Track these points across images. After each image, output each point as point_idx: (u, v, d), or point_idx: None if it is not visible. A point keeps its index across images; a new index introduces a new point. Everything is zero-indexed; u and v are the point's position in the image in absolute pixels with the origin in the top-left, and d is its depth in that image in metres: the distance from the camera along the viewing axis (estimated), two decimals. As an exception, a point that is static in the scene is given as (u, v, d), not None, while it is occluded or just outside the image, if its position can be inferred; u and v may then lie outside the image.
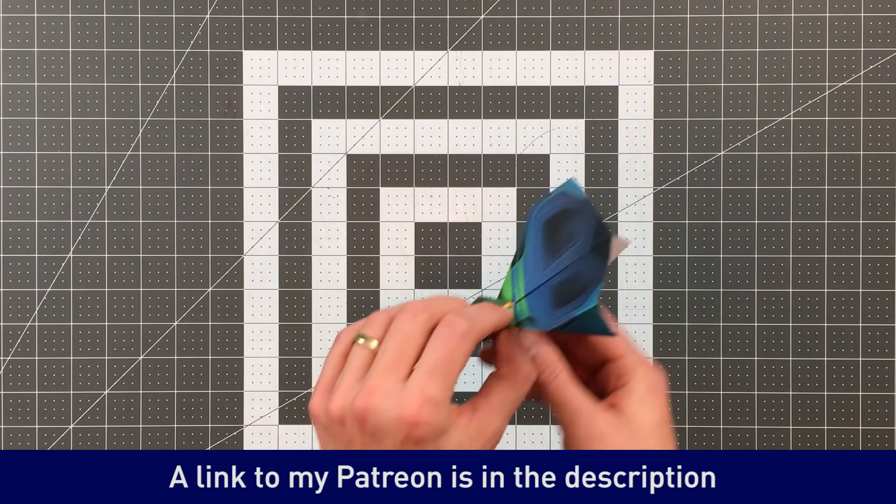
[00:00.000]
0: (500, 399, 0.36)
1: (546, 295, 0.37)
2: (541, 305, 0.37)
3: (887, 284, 0.56)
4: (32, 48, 0.56)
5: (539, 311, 0.37)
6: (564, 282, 0.37)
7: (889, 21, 0.56)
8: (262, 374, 0.56)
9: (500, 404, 0.36)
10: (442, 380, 0.32)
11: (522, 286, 0.38)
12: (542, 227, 0.38)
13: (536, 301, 0.37)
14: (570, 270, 0.37)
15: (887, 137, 0.56)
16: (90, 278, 0.56)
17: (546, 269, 0.38)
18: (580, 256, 0.37)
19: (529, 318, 0.37)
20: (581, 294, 0.36)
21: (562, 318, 0.35)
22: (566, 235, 0.38)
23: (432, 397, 0.32)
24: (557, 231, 0.38)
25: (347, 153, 0.57)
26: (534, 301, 0.37)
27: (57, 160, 0.56)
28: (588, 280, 0.36)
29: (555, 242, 0.38)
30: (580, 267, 0.37)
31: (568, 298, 0.36)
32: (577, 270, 0.37)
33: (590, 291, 0.35)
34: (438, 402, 0.32)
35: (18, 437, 0.56)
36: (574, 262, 0.37)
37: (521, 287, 0.38)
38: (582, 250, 0.37)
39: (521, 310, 0.38)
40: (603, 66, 0.56)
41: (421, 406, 0.32)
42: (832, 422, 0.56)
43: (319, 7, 0.57)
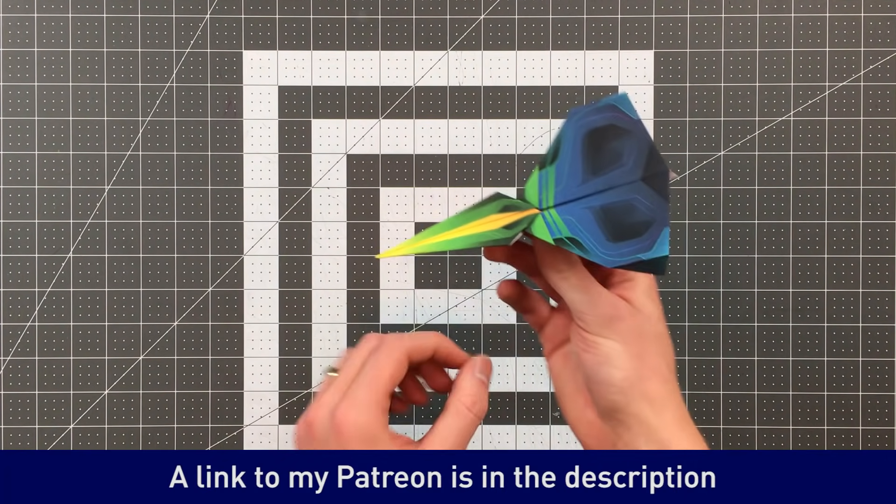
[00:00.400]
0: (444, 428, 0.37)
1: (590, 218, 0.35)
2: (589, 231, 0.35)
3: (887, 284, 0.56)
4: (32, 48, 0.56)
5: (588, 239, 0.35)
6: (615, 209, 0.35)
7: (889, 21, 0.56)
8: (262, 374, 0.56)
9: (444, 435, 0.37)
10: (367, 385, 0.36)
11: (552, 194, 0.36)
12: (583, 136, 0.36)
13: (578, 220, 0.35)
14: (616, 196, 0.35)
15: (887, 137, 0.56)
16: (90, 278, 0.56)
17: (583, 183, 0.36)
18: (628, 183, 0.35)
19: (576, 242, 0.35)
20: (643, 233, 0.35)
21: (626, 258, 0.35)
22: (612, 154, 0.35)
23: (355, 398, 0.36)
24: (601, 147, 0.35)
25: (347, 153, 0.57)
26: (572, 218, 0.36)
27: (57, 160, 0.56)
28: (647, 217, 0.35)
29: (597, 159, 0.35)
30: (631, 196, 0.35)
31: (626, 234, 0.35)
32: (629, 199, 0.35)
33: (656, 234, 0.35)
34: (360, 403, 0.35)
35: (18, 437, 0.56)
36: (620, 187, 0.35)
37: (550, 194, 0.36)
38: (630, 176, 0.35)
39: (554, 221, 0.36)
40: (603, 66, 0.56)
41: (347, 408, 0.35)
42: (832, 422, 0.56)
43: (319, 7, 0.57)
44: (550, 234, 0.36)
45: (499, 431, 0.56)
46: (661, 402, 0.36)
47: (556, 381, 0.42)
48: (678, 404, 0.37)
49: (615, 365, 0.36)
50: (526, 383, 0.56)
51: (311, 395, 0.57)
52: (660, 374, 0.37)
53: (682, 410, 0.37)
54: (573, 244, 0.35)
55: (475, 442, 0.56)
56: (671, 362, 0.38)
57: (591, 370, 0.37)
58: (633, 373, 0.36)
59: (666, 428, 0.36)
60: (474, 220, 0.36)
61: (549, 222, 0.36)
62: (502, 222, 0.36)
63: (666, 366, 0.38)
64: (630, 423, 0.37)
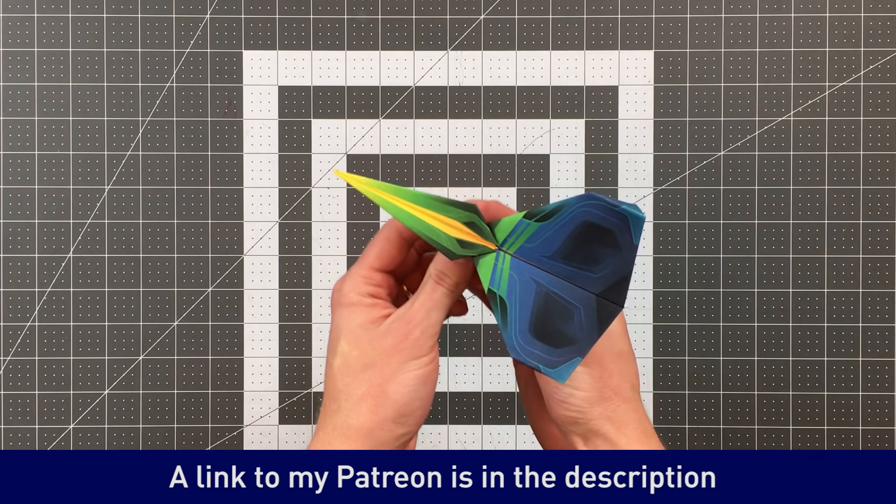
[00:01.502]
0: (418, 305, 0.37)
1: (530, 295, 0.35)
2: (521, 308, 0.35)
3: (887, 284, 0.56)
4: (32, 48, 0.56)
5: (514, 314, 0.35)
6: (555, 305, 0.35)
7: (889, 21, 0.56)
8: (262, 374, 0.56)
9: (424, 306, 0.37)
10: (361, 259, 0.38)
11: (520, 244, 0.36)
12: (581, 222, 0.35)
13: (520, 286, 0.35)
14: (566, 292, 0.35)
15: (887, 137, 0.56)
16: (90, 278, 0.56)
17: (551, 259, 0.35)
18: (584, 290, 0.35)
19: (503, 305, 0.35)
20: (559, 347, 0.35)
21: (529, 359, 0.35)
22: (591, 255, 0.35)
23: (347, 272, 0.39)
24: (589, 243, 0.35)
25: (347, 153, 0.57)
26: (517, 278, 0.35)
27: (57, 160, 0.56)
28: (574, 335, 0.35)
29: (578, 250, 0.35)
30: (578, 304, 0.35)
31: (546, 337, 0.35)
32: (574, 305, 0.35)
33: (567, 357, 0.35)
34: (347, 275, 0.38)
35: (18, 437, 0.56)
36: (574, 288, 0.35)
37: (518, 243, 0.36)
38: (591, 286, 0.35)
39: (501, 270, 0.36)
40: (603, 66, 0.56)
41: (339, 279, 0.39)
42: (832, 422, 0.56)
43: (319, 7, 0.57)
44: (490, 281, 0.35)
45: (499, 431, 0.56)
46: (622, 420, 0.36)
47: (524, 398, 0.42)
48: (640, 419, 0.37)
49: (576, 386, 0.36)
50: (526, 383, 0.56)
51: (312, 395, 0.57)
52: (621, 393, 0.37)
53: (644, 425, 0.37)
54: (499, 307, 0.35)
55: (475, 442, 0.56)
56: (635, 381, 0.38)
57: (551, 390, 0.37)
58: (594, 393, 0.36)
59: (628, 444, 0.36)
60: (438, 213, 0.36)
61: (497, 268, 0.36)
62: (460, 235, 0.36)
63: (629, 385, 0.37)
64: (590, 437, 0.37)
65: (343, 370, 0.37)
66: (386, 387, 0.36)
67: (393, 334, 0.36)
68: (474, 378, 0.56)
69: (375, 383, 0.36)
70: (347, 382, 0.37)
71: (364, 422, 0.36)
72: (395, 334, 0.36)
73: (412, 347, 0.36)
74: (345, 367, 0.37)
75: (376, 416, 0.36)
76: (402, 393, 0.36)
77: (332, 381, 0.37)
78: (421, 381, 0.36)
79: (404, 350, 0.36)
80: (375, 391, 0.36)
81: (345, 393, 0.36)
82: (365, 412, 0.36)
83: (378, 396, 0.36)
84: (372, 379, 0.36)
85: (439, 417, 0.56)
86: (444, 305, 0.37)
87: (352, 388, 0.36)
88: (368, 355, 0.36)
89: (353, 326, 0.37)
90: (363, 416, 0.36)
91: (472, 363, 0.56)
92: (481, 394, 0.56)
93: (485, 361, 0.56)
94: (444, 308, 0.37)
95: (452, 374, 0.56)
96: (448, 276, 0.37)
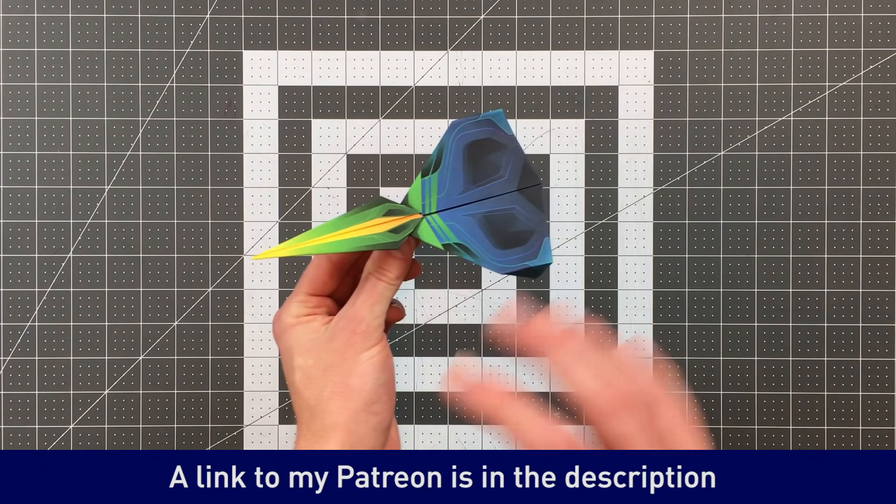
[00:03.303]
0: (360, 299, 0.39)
1: (474, 225, 0.38)
2: (475, 237, 0.38)
3: (887, 284, 0.56)
4: (32, 48, 0.56)
5: (476, 245, 0.38)
6: (497, 218, 0.38)
7: (889, 21, 0.56)
8: (262, 374, 0.56)
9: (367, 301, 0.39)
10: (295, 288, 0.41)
11: (435, 200, 0.39)
12: (463, 148, 0.39)
13: (463, 227, 0.38)
14: (495, 205, 0.38)
15: (887, 137, 0.56)
16: (90, 278, 0.56)
17: (464, 192, 0.38)
18: (506, 193, 0.38)
19: (465, 248, 0.38)
20: (526, 241, 0.38)
21: (515, 265, 0.38)
22: (489, 166, 0.38)
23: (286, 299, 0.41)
24: (480, 158, 0.39)
25: (347, 153, 0.57)
26: (457, 224, 0.38)
27: (57, 160, 0.56)
28: (527, 227, 0.38)
29: (477, 169, 0.38)
30: (510, 206, 0.38)
31: (511, 242, 0.38)
32: (509, 209, 0.38)
33: (538, 243, 0.38)
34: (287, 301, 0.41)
35: (18, 437, 0.56)
36: (499, 197, 0.38)
37: (433, 200, 0.39)
38: (507, 187, 0.38)
39: (440, 226, 0.38)
40: (603, 66, 0.56)
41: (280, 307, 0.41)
42: (832, 422, 0.56)
43: (319, 7, 0.57)
44: (438, 239, 0.38)
45: (499, 431, 0.56)
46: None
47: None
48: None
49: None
50: (526, 383, 0.56)
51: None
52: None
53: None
54: (462, 250, 0.38)
55: (475, 442, 0.56)
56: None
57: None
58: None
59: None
60: (358, 224, 0.38)
61: (435, 227, 0.38)
62: (388, 226, 0.38)
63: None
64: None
65: (304, 381, 0.39)
66: (348, 381, 0.38)
67: (341, 333, 0.38)
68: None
69: (337, 381, 0.38)
70: (313, 389, 0.39)
71: (337, 418, 0.38)
72: (344, 332, 0.38)
73: (362, 340, 0.38)
74: (306, 378, 0.39)
75: (347, 410, 0.38)
76: (364, 382, 0.38)
77: (297, 396, 0.39)
78: (378, 368, 0.38)
79: (355, 344, 0.38)
80: (340, 388, 0.38)
81: (314, 399, 0.38)
82: (336, 409, 0.38)
83: (343, 392, 0.38)
84: (333, 378, 0.38)
85: (439, 417, 0.56)
86: (386, 298, 0.39)
87: (318, 392, 0.38)
88: (324, 359, 0.38)
89: (302, 341, 0.39)
90: (335, 414, 0.38)
91: (471, 363, 0.56)
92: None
93: (484, 361, 0.56)
94: (386, 301, 0.39)
95: (452, 374, 0.56)
96: (388, 270, 0.39)
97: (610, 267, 0.56)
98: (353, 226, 0.38)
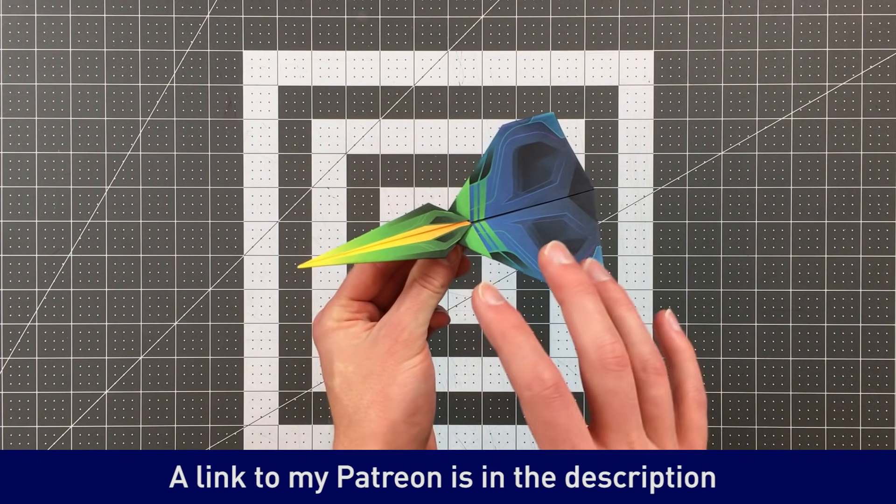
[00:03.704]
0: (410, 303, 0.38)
1: (523, 233, 0.37)
2: (524, 245, 0.37)
3: (887, 284, 0.56)
4: (32, 48, 0.56)
5: (525, 254, 0.36)
6: (547, 225, 0.37)
7: (889, 21, 0.56)
8: (262, 374, 0.56)
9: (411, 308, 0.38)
10: (337, 291, 0.40)
11: (484, 206, 0.37)
12: (513, 153, 0.37)
13: (512, 235, 0.37)
14: (546, 211, 0.37)
15: (887, 137, 0.56)
16: (90, 278, 0.56)
17: (514, 198, 0.37)
18: (557, 199, 0.37)
19: (514, 256, 0.37)
20: (578, 249, 0.37)
21: None
22: (541, 171, 0.37)
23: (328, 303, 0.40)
24: (530, 163, 0.37)
25: (347, 153, 0.57)
26: (506, 232, 0.37)
27: (57, 160, 0.56)
28: (579, 234, 0.37)
29: (527, 174, 0.37)
30: (561, 213, 0.37)
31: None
32: (560, 216, 0.37)
33: (589, 252, 0.36)
34: (329, 304, 0.40)
35: (18, 437, 0.56)
36: (550, 203, 0.37)
37: (482, 207, 0.37)
38: (559, 193, 0.37)
39: (488, 234, 0.37)
40: (603, 66, 0.56)
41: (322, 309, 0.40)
42: (832, 422, 0.56)
43: (319, 7, 0.57)
44: (486, 247, 0.37)
45: (499, 431, 0.56)
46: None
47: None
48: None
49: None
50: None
51: (312, 395, 0.57)
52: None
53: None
54: (510, 258, 0.37)
55: (475, 442, 0.56)
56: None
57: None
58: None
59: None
60: (406, 231, 0.37)
61: (483, 235, 0.37)
62: (435, 234, 0.37)
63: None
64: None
65: (344, 387, 0.38)
66: (388, 391, 0.37)
67: (383, 340, 0.37)
68: (474, 378, 0.56)
69: (377, 390, 0.37)
70: (352, 397, 0.37)
71: (376, 428, 0.37)
72: (386, 340, 0.37)
73: (404, 349, 0.37)
74: (345, 384, 0.38)
75: (386, 420, 0.37)
76: (404, 393, 0.37)
77: (336, 402, 0.38)
78: (420, 378, 0.37)
79: (397, 353, 0.37)
80: (379, 397, 0.37)
81: (352, 407, 0.37)
82: (374, 419, 0.37)
83: (383, 402, 0.37)
84: (373, 387, 0.37)
85: (439, 417, 0.56)
86: (430, 306, 0.38)
87: (357, 400, 0.37)
88: (365, 366, 0.37)
89: (342, 346, 0.38)
90: (374, 423, 0.37)
91: (472, 363, 0.56)
92: (481, 394, 0.56)
93: (485, 361, 0.56)
94: (430, 309, 0.38)
95: (452, 374, 0.56)
96: (433, 277, 0.38)
97: (610, 267, 0.56)
98: (400, 233, 0.37)
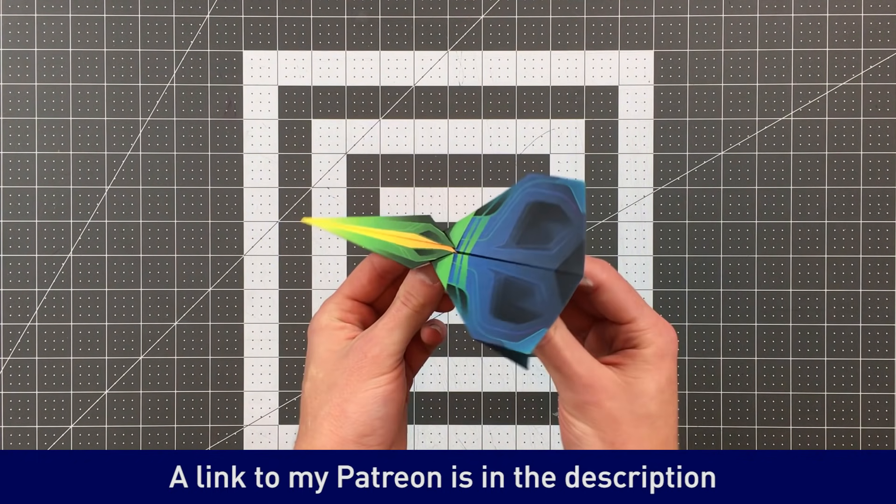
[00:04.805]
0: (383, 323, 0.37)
1: (489, 284, 0.35)
2: (481, 294, 0.35)
3: (887, 284, 0.56)
4: (32, 48, 0.56)
5: (475, 301, 0.35)
6: (515, 286, 0.35)
7: (889, 21, 0.56)
8: (262, 374, 0.56)
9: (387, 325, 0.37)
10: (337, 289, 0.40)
11: (474, 242, 0.36)
12: (527, 204, 0.36)
13: (479, 278, 0.36)
14: (525, 274, 0.35)
15: (887, 137, 0.56)
16: (90, 278, 0.56)
17: (505, 247, 0.36)
18: (542, 268, 0.35)
19: (464, 296, 0.36)
20: (523, 322, 0.35)
21: (492, 337, 0.35)
22: (543, 234, 0.36)
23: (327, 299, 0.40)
24: (538, 222, 0.36)
25: (347, 153, 0.57)
26: (475, 273, 0.36)
27: (57, 160, 0.56)
28: (536, 309, 0.35)
29: (529, 232, 0.36)
30: (536, 282, 0.35)
31: (508, 315, 0.35)
32: (533, 284, 0.35)
33: (531, 330, 0.34)
34: (327, 301, 0.39)
35: (18, 437, 0.56)
36: (533, 269, 0.35)
37: (472, 241, 0.36)
38: (547, 263, 0.35)
39: (459, 268, 0.36)
40: (603, 66, 0.56)
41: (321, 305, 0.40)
42: (832, 422, 0.56)
43: (319, 7, 0.57)
44: (449, 278, 0.36)
45: (499, 431, 0.56)
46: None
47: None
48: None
49: (585, 444, 0.35)
50: (526, 383, 0.56)
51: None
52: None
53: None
54: (460, 298, 0.36)
55: (475, 442, 0.56)
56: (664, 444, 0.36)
57: (564, 444, 0.37)
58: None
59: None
60: (396, 230, 0.37)
61: (455, 266, 0.36)
62: (417, 245, 0.37)
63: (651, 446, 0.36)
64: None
65: (311, 392, 0.37)
66: (345, 406, 0.36)
67: (354, 353, 0.37)
68: (474, 378, 0.56)
69: (335, 403, 0.36)
70: (314, 404, 0.37)
71: (325, 442, 0.36)
72: (356, 353, 0.37)
73: (371, 365, 0.36)
74: (313, 390, 0.37)
75: (336, 436, 0.36)
76: (360, 412, 0.36)
77: (303, 405, 0.38)
78: (380, 400, 0.36)
79: (363, 368, 0.36)
80: (336, 411, 0.36)
81: (311, 414, 0.37)
82: (326, 432, 0.36)
83: (338, 416, 0.36)
84: (333, 399, 0.36)
85: (439, 417, 0.56)
86: (409, 325, 0.37)
87: (317, 409, 0.37)
88: (332, 376, 0.37)
89: (321, 350, 0.38)
90: (325, 437, 0.36)
91: (472, 363, 0.56)
92: (481, 394, 0.56)
93: (485, 361, 0.56)
94: (408, 328, 0.37)
95: (452, 374, 0.56)
96: (413, 296, 0.37)
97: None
98: (390, 230, 0.37)
